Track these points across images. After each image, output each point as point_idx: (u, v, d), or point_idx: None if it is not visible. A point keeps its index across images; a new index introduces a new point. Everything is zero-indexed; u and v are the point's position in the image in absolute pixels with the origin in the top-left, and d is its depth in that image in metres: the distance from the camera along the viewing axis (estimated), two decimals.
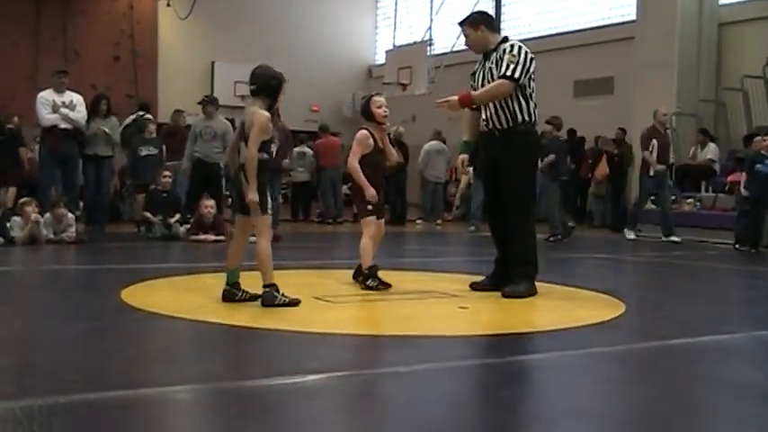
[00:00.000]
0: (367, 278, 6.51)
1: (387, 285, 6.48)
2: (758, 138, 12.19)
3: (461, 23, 6.64)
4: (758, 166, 11.91)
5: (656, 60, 15.69)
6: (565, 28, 20.07)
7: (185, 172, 11.91)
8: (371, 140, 6.72)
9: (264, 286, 5.49)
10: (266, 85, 5.57)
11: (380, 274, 6.53)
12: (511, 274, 6.35)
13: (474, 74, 6.61)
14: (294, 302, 5.51)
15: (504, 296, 6.15)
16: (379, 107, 6.71)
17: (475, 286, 6.52)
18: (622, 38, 17.51)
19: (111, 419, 3.05)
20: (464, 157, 6.68)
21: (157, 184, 11.44)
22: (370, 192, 6.63)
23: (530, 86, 6.35)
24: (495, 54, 6.38)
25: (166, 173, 11.52)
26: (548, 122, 12.71)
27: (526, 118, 6.33)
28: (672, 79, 15.61)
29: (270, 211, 5.65)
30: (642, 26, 16.28)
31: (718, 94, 15.81)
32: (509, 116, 6.32)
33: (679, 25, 15.57)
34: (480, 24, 6.50)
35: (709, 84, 15.93)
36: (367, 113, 6.77)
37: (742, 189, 12.07)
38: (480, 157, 6.69)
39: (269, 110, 5.56)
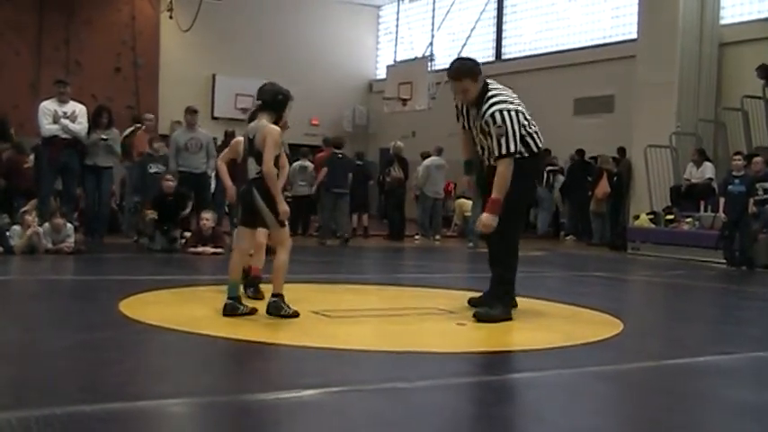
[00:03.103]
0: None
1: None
2: (757, 158, 12.23)
3: (456, 76, 6.06)
4: (729, 186, 11.97)
5: (656, 79, 15.72)
6: (566, 46, 20.11)
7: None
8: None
9: (273, 295, 5.59)
10: (273, 101, 5.74)
11: (380, 289, 6.52)
12: (487, 294, 6.19)
13: (460, 113, 6.29)
14: (295, 314, 5.60)
15: (477, 320, 5.86)
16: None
17: (473, 302, 6.43)
18: (623, 56, 17.54)
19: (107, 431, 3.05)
20: (469, 178, 6.52)
21: (162, 189, 11.38)
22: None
23: (523, 133, 5.99)
24: (481, 107, 5.97)
25: (168, 176, 11.47)
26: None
27: (525, 154, 6.05)
28: (672, 98, 15.63)
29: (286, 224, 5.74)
30: (643, 45, 16.32)
31: (718, 114, 15.83)
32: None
33: (680, 45, 15.61)
34: (478, 75, 6.02)
35: (709, 103, 15.94)
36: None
37: (721, 214, 12.12)
38: (477, 175, 6.53)
39: (275, 124, 5.69)
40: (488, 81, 6.10)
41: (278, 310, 5.54)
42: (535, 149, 6.14)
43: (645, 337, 5.92)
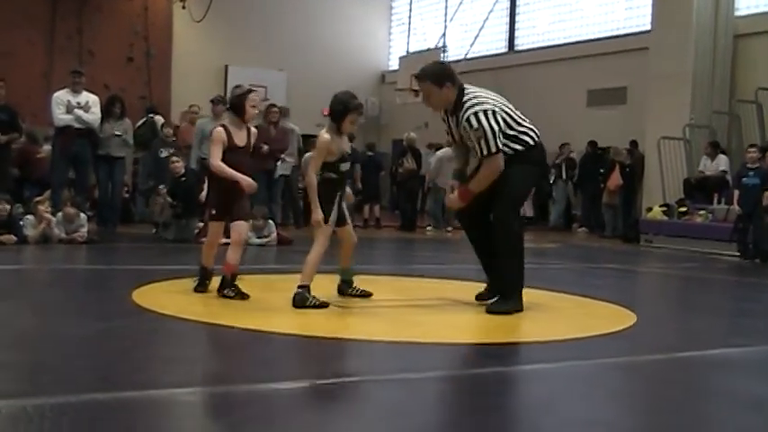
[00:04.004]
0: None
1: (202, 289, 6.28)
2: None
3: (419, 75, 5.99)
4: (744, 179, 11.92)
5: (670, 71, 15.65)
6: (579, 37, 20.02)
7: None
8: (225, 137, 6.09)
9: (299, 287, 5.63)
10: (333, 110, 5.84)
11: (391, 280, 6.52)
12: (496, 288, 6.06)
13: (447, 126, 6.10)
14: (324, 305, 5.64)
15: (489, 312, 5.80)
16: (254, 106, 6.22)
17: (479, 297, 6.28)
18: (637, 48, 17.46)
19: (120, 419, 3.06)
20: (454, 182, 6.25)
21: (173, 173, 11.34)
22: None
23: (511, 133, 5.85)
24: (459, 115, 5.81)
25: (174, 158, 11.43)
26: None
27: (519, 148, 5.89)
28: (686, 90, 15.56)
29: (330, 221, 5.87)
30: (657, 37, 16.25)
31: (732, 107, 15.76)
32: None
33: (694, 36, 15.52)
34: (446, 81, 5.83)
35: (723, 95, 15.86)
36: (238, 108, 6.18)
37: (735, 206, 12.09)
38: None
39: (337, 132, 5.80)
40: (465, 87, 5.90)
41: (303, 301, 5.57)
42: (532, 142, 5.93)
43: (658, 330, 5.91)
